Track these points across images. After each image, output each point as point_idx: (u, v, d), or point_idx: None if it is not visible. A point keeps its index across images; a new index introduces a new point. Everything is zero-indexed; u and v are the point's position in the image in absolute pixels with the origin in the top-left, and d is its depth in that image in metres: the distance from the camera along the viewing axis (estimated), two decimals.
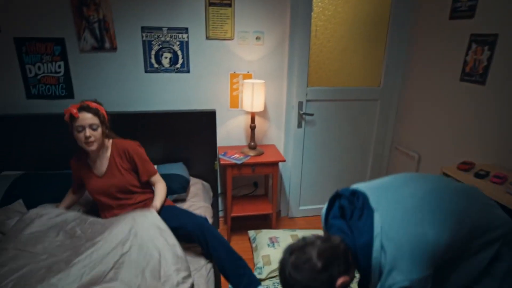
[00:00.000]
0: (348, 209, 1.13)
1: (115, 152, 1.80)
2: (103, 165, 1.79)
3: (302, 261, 1.00)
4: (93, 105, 1.71)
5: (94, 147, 1.69)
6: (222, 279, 2.09)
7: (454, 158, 2.21)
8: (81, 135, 1.65)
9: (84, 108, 1.66)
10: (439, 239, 1.00)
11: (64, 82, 2.31)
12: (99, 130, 1.69)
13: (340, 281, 1.00)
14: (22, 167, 2.27)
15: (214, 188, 2.59)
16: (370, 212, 1.08)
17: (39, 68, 2.25)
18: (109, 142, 1.82)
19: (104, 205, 1.81)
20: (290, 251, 1.05)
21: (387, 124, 2.85)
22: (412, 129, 2.66)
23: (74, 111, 1.63)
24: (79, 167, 1.82)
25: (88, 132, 1.65)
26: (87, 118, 1.65)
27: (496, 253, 1.08)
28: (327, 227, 1.22)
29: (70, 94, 2.34)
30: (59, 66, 2.27)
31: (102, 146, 1.77)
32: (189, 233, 1.68)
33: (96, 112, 1.69)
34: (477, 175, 1.75)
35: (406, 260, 0.97)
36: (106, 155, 1.80)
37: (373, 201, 1.11)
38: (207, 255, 1.70)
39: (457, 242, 1.04)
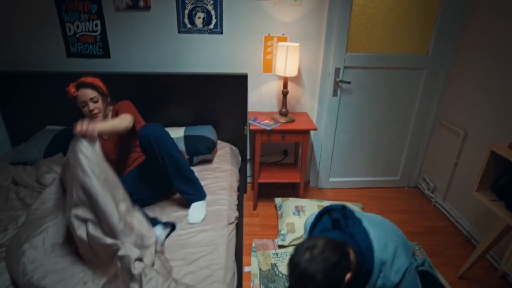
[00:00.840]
0: (342, 221, 1.31)
1: (113, 114, 1.92)
2: None
3: (318, 253, 1.04)
4: (89, 80, 1.81)
5: (99, 117, 1.83)
6: (245, 242, 2.13)
7: (507, 137, 1.99)
8: (85, 110, 1.79)
9: (81, 85, 1.78)
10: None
11: (101, 41, 2.35)
12: (100, 101, 1.82)
13: (347, 276, 1.08)
14: (63, 122, 2.41)
15: (243, 153, 2.59)
16: (359, 221, 1.28)
17: (77, 26, 2.30)
18: (109, 109, 1.95)
19: (119, 164, 1.93)
20: (304, 247, 1.08)
21: (433, 96, 2.61)
22: (460, 103, 2.42)
23: (72, 90, 1.76)
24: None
25: (91, 105, 1.78)
26: (87, 93, 1.77)
27: None
28: None
29: (106, 54, 2.38)
30: (96, 25, 2.30)
31: (106, 115, 1.91)
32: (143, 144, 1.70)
33: (93, 86, 1.80)
34: None
35: (403, 249, 1.21)
36: (108, 120, 1.91)
37: (357, 214, 1.35)
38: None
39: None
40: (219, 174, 2.08)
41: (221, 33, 2.35)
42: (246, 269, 1.99)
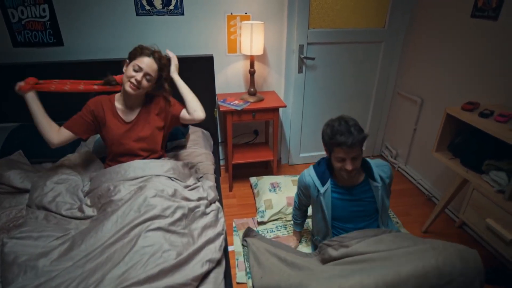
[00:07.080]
0: None
1: (152, 102, 1.71)
2: (133, 112, 1.70)
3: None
4: (164, 58, 1.64)
5: (134, 92, 1.58)
6: (225, 223, 2.15)
7: (459, 100, 2.17)
8: (132, 74, 1.56)
9: (154, 55, 1.59)
10: None
11: (51, 28, 2.17)
12: (150, 83, 1.62)
13: None
14: (17, 119, 2.22)
15: (214, 136, 2.57)
16: None
17: (22, 12, 2.10)
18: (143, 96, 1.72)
19: (117, 155, 1.69)
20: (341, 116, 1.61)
21: (390, 68, 2.75)
22: (416, 72, 2.58)
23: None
24: (104, 109, 1.66)
25: (143, 81, 1.57)
26: (151, 65, 1.58)
27: None
28: None
29: (58, 41, 2.22)
30: (44, 10, 2.12)
31: (140, 96, 1.68)
32: None
33: (161, 68, 1.63)
34: (482, 115, 1.72)
35: None
36: (139, 102, 1.70)
37: None
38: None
39: None
40: (194, 159, 2.06)
41: (182, 14, 2.28)
42: (229, 248, 2.02)
